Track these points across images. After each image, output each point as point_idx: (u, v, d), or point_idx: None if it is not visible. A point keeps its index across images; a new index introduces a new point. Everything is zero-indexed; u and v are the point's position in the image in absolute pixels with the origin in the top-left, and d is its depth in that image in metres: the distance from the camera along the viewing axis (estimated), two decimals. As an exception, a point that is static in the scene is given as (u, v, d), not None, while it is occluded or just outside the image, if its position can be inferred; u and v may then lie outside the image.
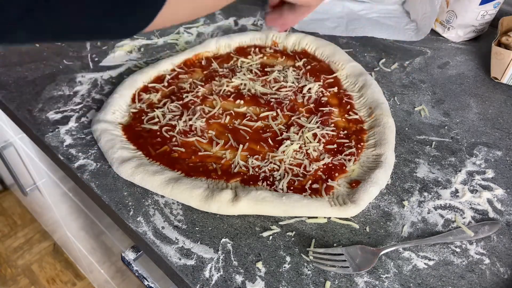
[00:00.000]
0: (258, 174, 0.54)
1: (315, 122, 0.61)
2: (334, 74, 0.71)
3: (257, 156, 0.57)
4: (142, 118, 0.61)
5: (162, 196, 0.52)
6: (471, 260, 0.47)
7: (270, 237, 0.49)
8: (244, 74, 0.70)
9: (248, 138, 0.59)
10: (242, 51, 0.76)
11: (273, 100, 0.65)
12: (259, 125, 0.61)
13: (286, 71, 0.71)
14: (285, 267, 0.46)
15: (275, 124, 0.61)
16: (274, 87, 0.68)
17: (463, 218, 0.52)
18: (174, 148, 0.57)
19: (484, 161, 0.59)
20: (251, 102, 0.65)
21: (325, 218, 0.50)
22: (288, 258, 0.46)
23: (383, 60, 0.78)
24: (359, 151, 0.58)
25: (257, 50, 0.76)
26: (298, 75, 0.71)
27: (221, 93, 0.66)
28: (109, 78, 0.71)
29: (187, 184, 0.51)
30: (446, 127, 0.64)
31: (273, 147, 0.58)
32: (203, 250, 0.47)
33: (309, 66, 0.72)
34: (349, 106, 0.65)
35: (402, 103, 0.69)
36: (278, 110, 0.63)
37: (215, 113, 0.63)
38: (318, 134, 0.59)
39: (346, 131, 0.61)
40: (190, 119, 0.61)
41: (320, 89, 0.68)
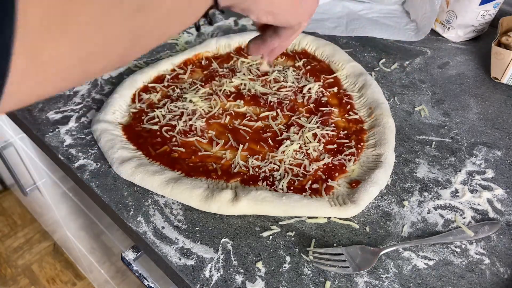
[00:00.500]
0: (258, 174, 0.54)
1: (315, 122, 0.61)
2: (334, 74, 0.71)
3: (257, 156, 0.57)
4: (142, 118, 0.62)
5: (162, 196, 0.52)
6: (471, 260, 0.47)
7: (270, 237, 0.49)
8: (244, 74, 0.70)
9: (248, 138, 0.59)
10: (242, 51, 0.76)
11: (273, 100, 0.65)
12: (259, 125, 0.61)
13: (286, 71, 0.71)
14: (285, 267, 0.46)
15: (275, 124, 0.61)
16: (274, 87, 0.68)
17: (463, 218, 0.52)
18: (174, 148, 0.57)
19: (484, 161, 0.59)
20: (251, 102, 0.65)
21: (325, 218, 0.50)
22: (288, 258, 0.46)
23: (383, 60, 0.78)
24: (359, 151, 0.58)
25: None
26: (298, 75, 0.71)
27: (221, 93, 0.66)
28: (109, 78, 0.71)
29: (187, 184, 0.51)
30: (446, 127, 0.64)
31: (273, 147, 0.58)
32: (203, 250, 0.47)
33: (309, 66, 0.72)
34: (349, 106, 0.65)
35: (402, 103, 0.69)
36: (278, 110, 0.63)
37: (215, 113, 0.63)
38: (318, 134, 0.59)
39: (346, 131, 0.61)
40: (190, 119, 0.61)
41: (320, 89, 0.68)
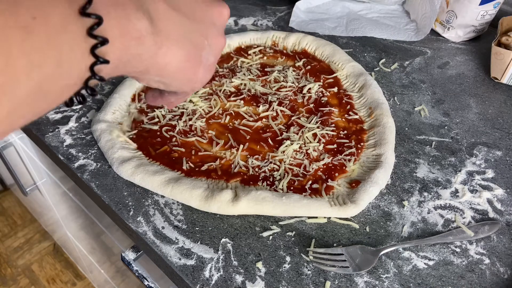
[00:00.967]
0: (258, 174, 0.54)
1: (315, 122, 0.61)
2: (334, 74, 0.71)
3: (257, 156, 0.57)
4: (142, 118, 0.61)
5: (162, 196, 0.52)
6: (471, 260, 0.47)
7: (270, 237, 0.49)
8: (244, 74, 0.70)
9: (248, 138, 0.59)
10: (242, 51, 0.76)
11: (273, 100, 0.65)
12: (259, 125, 0.61)
13: (286, 71, 0.71)
14: (285, 267, 0.46)
15: (275, 124, 0.61)
16: (274, 87, 0.68)
17: (463, 218, 0.52)
18: (174, 148, 0.57)
19: (484, 161, 0.59)
20: (251, 102, 0.65)
21: (325, 218, 0.50)
22: (288, 258, 0.46)
23: (383, 60, 0.78)
24: (359, 151, 0.58)
25: (257, 50, 0.76)
26: (298, 75, 0.71)
27: (221, 93, 0.66)
28: (109, 78, 0.71)
29: (187, 184, 0.51)
30: (446, 127, 0.64)
31: (273, 147, 0.58)
32: (203, 250, 0.47)
33: (309, 66, 0.72)
34: (349, 106, 0.65)
35: (402, 103, 0.69)
36: (278, 110, 0.63)
37: (215, 113, 0.63)
38: (318, 134, 0.59)
39: (346, 131, 0.61)
40: (190, 119, 0.61)
41: (320, 89, 0.68)
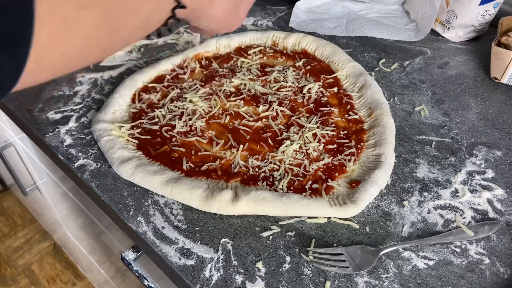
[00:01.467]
0: (258, 174, 0.54)
1: (315, 122, 0.61)
2: (334, 74, 0.71)
3: (257, 156, 0.57)
4: (142, 118, 0.62)
5: (162, 196, 0.52)
6: (471, 260, 0.47)
7: (270, 237, 0.49)
8: (244, 74, 0.70)
9: (248, 138, 0.59)
10: (242, 51, 0.76)
11: (273, 100, 0.65)
12: (259, 125, 0.61)
13: (286, 71, 0.71)
14: (285, 267, 0.46)
15: (275, 124, 0.61)
16: (274, 87, 0.68)
17: (463, 218, 0.52)
18: (174, 148, 0.57)
19: (484, 161, 0.59)
20: (251, 102, 0.65)
21: (325, 218, 0.50)
22: (288, 258, 0.46)
23: (383, 60, 0.78)
24: (359, 151, 0.58)
25: (257, 50, 0.76)
26: (298, 75, 0.71)
27: (221, 93, 0.66)
28: (109, 78, 0.71)
29: (187, 184, 0.51)
30: (446, 127, 0.64)
31: (273, 147, 0.58)
32: (203, 250, 0.47)
33: (309, 66, 0.72)
34: (349, 106, 0.65)
35: (402, 103, 0.69)
36: (278, 110, 0.63)
37: (215, 113, 0.63)
38: (318, 134, 0.59)
39: (346, 131, 0.61)
40: (190, 119, 0.61)
41: (320, 89, 0.68)
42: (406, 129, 0.64)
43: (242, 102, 0.65)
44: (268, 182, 0.53)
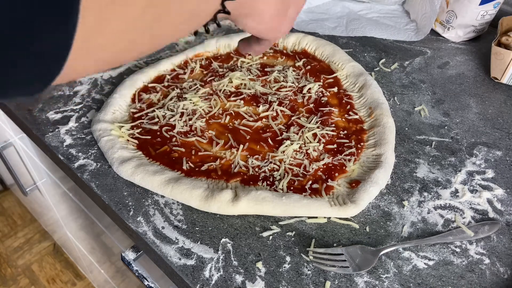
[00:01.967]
0: (258, 174, 0.54)
1: (315, 122, 0.61)
2: (334, 74, 0.71)
3: (257, 156, 0.57)
4: (142, 118, 0.61)
5: (162, 196, 0.52)
6: (471, 260, 0.47)
7: (270, 237, 0.49)
8: (244, 74, 0.70)
9: (248, 138, 0.59)
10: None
11: (273, 100, 0.65)
12: (259, 125, 0.61)
13: (286, 71, 0.71)
14: (285, 267, 0.46)
15: (275, 124, 0.61)
16: (274, 87, 0.68)
17: (463, 218, 0.52)
18: (174, 148, 0.57)
19: (484, 161, 0.59)
20: (251, 102, 0.65)
21: (325, 218, 0.50)
22: (288, 258, 0.46)
23: (383, 60, 0.78)
24: (359, 151, 0.58)
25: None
26: (298, 75, 0.71)
27: (221, 93, 0.66)
28: (109, 78, 0.71)
29: (187, 184, 0.51)
30: (446, 127, 0.64)
31: (273, 147, 0.58)
32: (203, 250, 0.47)
33: (309, 66, 0.72)
34: (349, 106, 0.65)
35: (402, 103, 0.69)
36: (278, 110, 0.63)
37: (215, 113, 0.63)
38: (318, 134, 0.59)
39: (346, 131, 0.61)
40: (190, 119, 0.61)
41: (320, 89, 0.68)
42: (406, 129, 0.64)
43: (242, 102, 0.65)
44: (268, 182, 0.53)
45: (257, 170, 0.55)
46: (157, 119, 0.61)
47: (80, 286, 1.60)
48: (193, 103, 0.64)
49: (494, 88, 0.74)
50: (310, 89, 0.67)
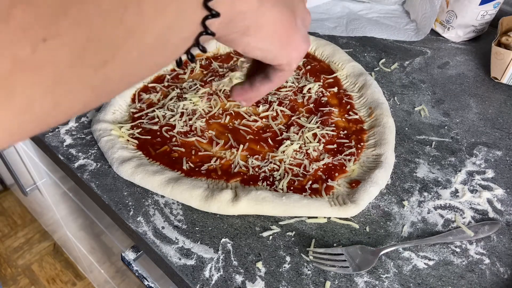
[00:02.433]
0: (258, 174, 0.54)
1: (315, 122, 0.61)
2: (334, 74, 0.71)
3: (257, 156, 0.57)
4: (142, 118, 0.62)
5: (162, 196, 0.52)
6: (471, 260, 0.47)
7: (270, 237, 0.49)
8: (244, 74, 0.70)
9: (248, 138, 0.59)
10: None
11: (273, 100, 0.65)
12: (259, 125, 0.61)
13: (286, 71, 0.71)
14: (285, 267, 0.46)
15: (275, 124, 0.61)
16: (274, 87, 0.68)
17: (463, 218, 0.52)
18: (174, 148, 0.57)
19: (484, 161, 0.59)
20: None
21: (325, 218, 0.50)
22: (288, 258, 0.46)
23: (383, 60, 0.78)
24: (359, 151, 0.58)
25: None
26: (298, 75, 0.71)
27: (221, 93, 0.66)
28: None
29: (187, 184, 0.51)
30: (446, 127, 0.64)
31: (273, 147, 0.58)
32: (203, 250, 0.47)
33: (309, 66, 0.72)
34: (349, 106, 0.65)
35: (402, 103, 0.69)
36: (278, 110, 0.63)
37: (215, 113, 0.63)
38: (318, 134, 0.59)
39: (346, 131, 0.61)
40: (190, 119, 0.61)
41: (320, 89, 0.68)
42: (406, 129, 0.64)
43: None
44: (268, 182, 0.53)
45: (257, 170, 0.55)
46: (157, 119, 0.61)
47: (80, 286, 1.60)
48: (193, 103, 0.64)
49: (494, 88, 0.74)
50: (310, 89, 0.67)
